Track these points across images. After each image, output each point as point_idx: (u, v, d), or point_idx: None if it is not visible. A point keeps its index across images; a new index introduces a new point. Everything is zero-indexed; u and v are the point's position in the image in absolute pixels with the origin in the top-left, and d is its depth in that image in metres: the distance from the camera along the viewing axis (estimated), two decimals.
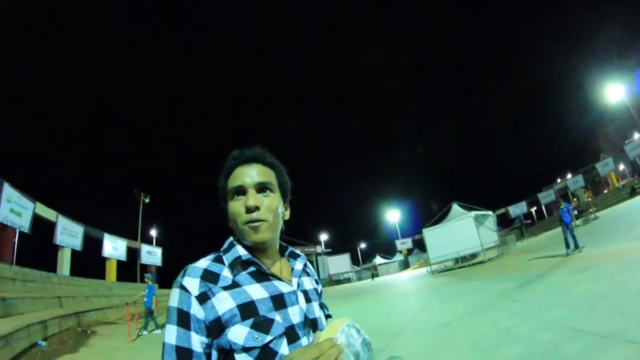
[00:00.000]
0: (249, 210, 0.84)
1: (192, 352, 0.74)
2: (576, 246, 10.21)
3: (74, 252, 17.67)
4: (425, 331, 5.89)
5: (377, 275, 36.40)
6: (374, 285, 23.04)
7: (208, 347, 0.76)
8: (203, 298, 0.77)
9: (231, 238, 0.92)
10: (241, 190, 0.87)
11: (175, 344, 0.74)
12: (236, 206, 0.87)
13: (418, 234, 32.49)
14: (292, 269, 0.96)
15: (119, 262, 22.88)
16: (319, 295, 1.03)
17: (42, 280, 12.32)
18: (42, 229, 15.81)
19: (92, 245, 20.44)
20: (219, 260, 0.86)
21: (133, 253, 25.34)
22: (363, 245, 63.15)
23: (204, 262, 0.84)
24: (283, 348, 0.78)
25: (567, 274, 7.29)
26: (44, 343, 7.23)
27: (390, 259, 48.51)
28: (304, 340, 0.82)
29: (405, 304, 10.75)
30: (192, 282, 0.78)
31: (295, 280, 0.91)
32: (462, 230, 19.34)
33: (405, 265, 44.09)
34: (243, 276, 0.83)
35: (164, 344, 0.75)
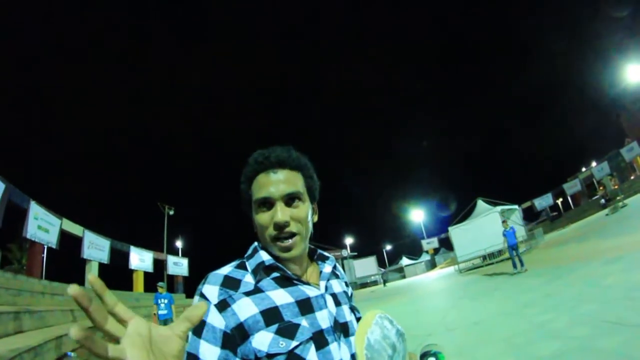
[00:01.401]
0: (277, 226, 0.79)
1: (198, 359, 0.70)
2: (521, 264, 10.94)
3: (101, 265, 18.12)
4: (457, 330, 5.76)
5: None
6: (401, 287, 22.75)
7: (221, 358, 0.70)
8: (223, 306, 0.73)
9: (255, 244, 0.88)
10: (268, 202, 0.81)
11: (187, 350, 0.71)
12: (264, 219, 0.81)
13: (444, 232, 31.99)
14: (321, 272, 0.91)
15: (146, 274, 23.30)
16: (349, 298, 0.99)
17: None
18: (70, 243, 16.20)
19: (119, 257, 20.86)
20: (242, 266, 0.83)
21: (159, 264, 25.72)
22: (389, 247, 62.60)
23: (226, 269, 0.81)
24: (311, 354, 0.74)
25: (599, 266, 6.99)
26: (73, 354, 7.39)
27: (416, 259, 47.79)
28: (333, 346, 0.77)
29: (435, 303, 10.54)
30: (211, 290, 0.75)
31: (323, 284, 0.87)
32: (489, 226, 18.84)
33: (432, 265, 43.30)
34: (266, 282, 0.79)
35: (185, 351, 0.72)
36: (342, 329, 0.82)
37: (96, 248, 18.00)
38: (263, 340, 0.70)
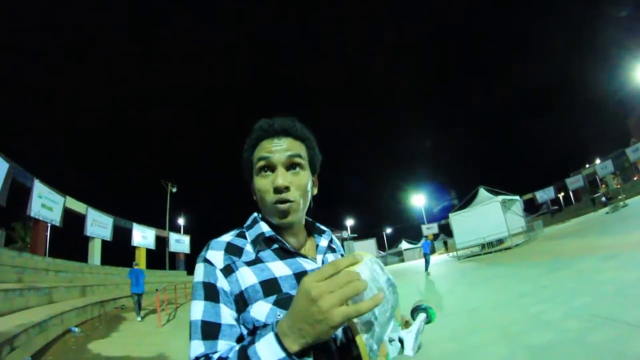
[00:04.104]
0: (277, 190, 0.79)
1: (220, 326, 0.70)
2: (426, 269, 14.85)
3: (104, 242, 18.33)
4: (453, 315, 5.89)
5: None
6: (399, 270, 22.93)
7: (238, 321, 0.73)
8: (228, 271, 0.74)
9: (255, 214, 0.89)
10: (269, 166, 0.81)
11: (201, 318, 0.70)
12: (263, 183, 0.81)
13: (444, 218, 32.00)
14: (317, 245, 0.91)
15: (148, 251, 23.59)
16: None
17: (74, 270, 12.87)
18: (73, 221, 16.40)
19: (122, 235, 21.11)
20: (242, 235, 0.83)
21: (162, 242, 25.97)
22: (389, 230, 62.80)
23: (227, 237, 0.82)
24: None
25: (595, 262, 7.06)
26: (77, 329, 7.57)
27: (416, 244, 47.95)
28: None
29: (433, 288, 10.68)
30: (216, 255, 0.76)
31: (320, 258, 0.87)
32: (489, 215, 18.99)
33: (431, 250, 43.50)
34: (266, 253, 0.80)
35: (190, 322, 0.71)
36: None
37: (99, 225, 18.19)
38: (261, 310, 0.71)
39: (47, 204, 13.57)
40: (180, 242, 28.63)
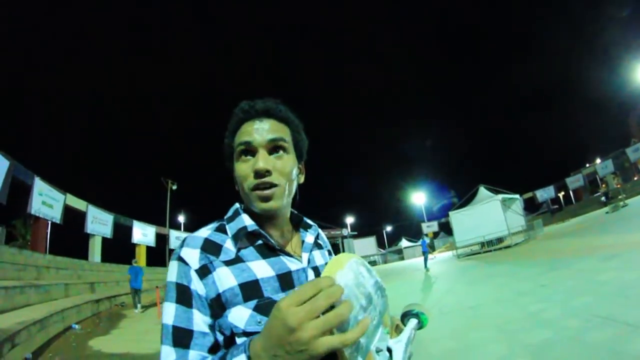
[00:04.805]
0: (258, 174, 0.72)
1: (193, 333, 0.64)
2: (425, 266, 15.42)
3: (104, 239, 18.35)
4: (452, 313, 5.90)
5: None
6: (399, 269, 22.94)
7: (212, 328, 0.66)
8: (204, 272, 0.67)
9: (237, 205, 0.82)
10: (249, 150, 0.75)
11: (173, 323, 0.64)
12: (243, 168, 0.75)
13: (444, 217, 32.04)
14: (303, 242, 0.84)
15: (149, 248, 23.58)
16: None
17: (75, 267, 12.87)
18: (74, 218, 16.41)
19: (122, 232, 21.10)
20: (222, 229, 0.76)
21: (162, 239, 25.97)
22: (389, 229, 62.94)
23: (204, 232, 0.75)
24: None
25: (595, 261, 7.07)
26: (77, 326, 7.59)
27: (416, 242, 48.07)
28: None
29: (431, 286, 10.70)
30: (191, 254, 0.69)
31: (305, 256, 0.80)
32: (489, 213, 19.04)
33: (431, 248, 43.62)
34: (248, 250, 0.73)
35: (162, 325, 0.65)
36: None
37: (100, 223, 18.19)
38: (240, 316, 0.65)
39: (47, 201, 13.57)
40: (180, 240, 28.54)
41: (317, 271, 0.80)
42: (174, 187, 29.26)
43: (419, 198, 47.06)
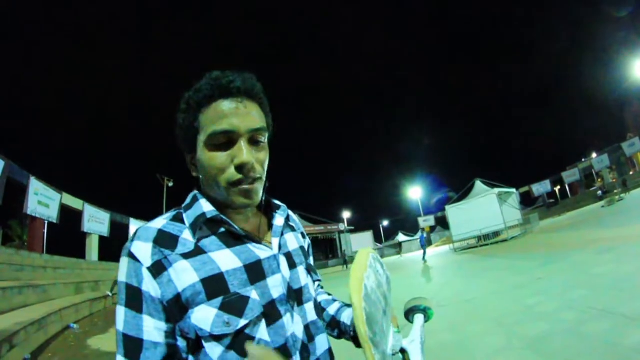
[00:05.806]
0: (243, 168, 0.62)
1: (143, 342, 0.55)
2: (424, 258, 16.99)
3: (101, 238, 18.30)
4: (449, 306, 5.92)
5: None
6: (396, 263, 23.04)
7: (169, 335, 0.58)
8: (158, 269, 0.58)
9: (195, 192, 0.70)
10: (229, 138, 0.63)
11: (122, 331, 0.56)
12: (220, 159, 0.63)
13: (441, 211, 32.13)
14: (272, 225, 0.74)
15: None
16: (306, 254, 0.80)
17: (72, 266, 12.82)
18: (70, 218, 16.38)
19: (119, 230, 21.03)
20: (178, 219, 0.66)
21: None
22: (386, 223, 63.35)
23: (159, 222, 0.64)
24: (261, 331, 0.60)
25: (591, 254, 7.12)
26: (75, 326, 7.57)
27: (413, 236, 48.24)
28: (286, 318, 0.64)
29: (429, 280, 10.74)
30: (143, 249, 0.59)
31: (275, 242, 0.70)
32: (485, 207, 19.15)
33: (428, 242, 43.84)
34: (209, 240, 0.63)
35: (116, 330, 0.57)
36: (296, 297, 0.68)
37: (96, 221, 18.14)
38: (205, 316, 0.56)
39: (43, 200, 13.53)
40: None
41: (289, 257, 0.72)
42: (170, 184, 29.15)
43: (415, 192, 47.07)
